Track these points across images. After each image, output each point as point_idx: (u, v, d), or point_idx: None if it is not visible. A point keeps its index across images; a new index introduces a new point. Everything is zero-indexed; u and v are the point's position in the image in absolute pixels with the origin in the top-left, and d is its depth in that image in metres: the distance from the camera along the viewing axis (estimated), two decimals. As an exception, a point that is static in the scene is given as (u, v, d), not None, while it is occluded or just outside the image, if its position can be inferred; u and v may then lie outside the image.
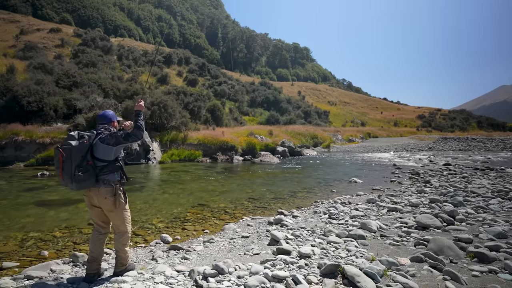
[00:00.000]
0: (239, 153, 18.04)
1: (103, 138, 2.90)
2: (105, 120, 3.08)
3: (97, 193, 2.87)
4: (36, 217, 5.77)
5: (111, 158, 2.93)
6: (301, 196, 7.93)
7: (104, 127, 3.02)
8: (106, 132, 2.95)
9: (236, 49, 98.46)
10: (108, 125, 3.07)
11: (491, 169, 11.98)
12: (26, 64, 24.27)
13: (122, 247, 3.03)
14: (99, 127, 3.02)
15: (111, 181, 2.90)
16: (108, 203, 2.89)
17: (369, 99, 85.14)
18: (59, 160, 2.73)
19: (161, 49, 52.19)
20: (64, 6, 70.31)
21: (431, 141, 32.77)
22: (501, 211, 5.51)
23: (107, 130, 3.00)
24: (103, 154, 2.89)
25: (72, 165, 2.73)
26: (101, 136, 2.91)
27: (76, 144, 2.77)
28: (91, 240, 3.01)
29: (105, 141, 2.90)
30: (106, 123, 3.07)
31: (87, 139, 2.85)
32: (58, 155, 2.74)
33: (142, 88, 24.00)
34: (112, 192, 2.89)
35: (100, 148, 2.89)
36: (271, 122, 35.16)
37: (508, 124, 56.98)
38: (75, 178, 2.72)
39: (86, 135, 2.88)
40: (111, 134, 2.94)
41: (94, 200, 2.92)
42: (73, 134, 2.85)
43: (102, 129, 2.99)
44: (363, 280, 2.72)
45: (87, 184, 2.79)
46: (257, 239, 4.36)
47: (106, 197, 2.87)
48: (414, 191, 7.92)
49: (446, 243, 3.55)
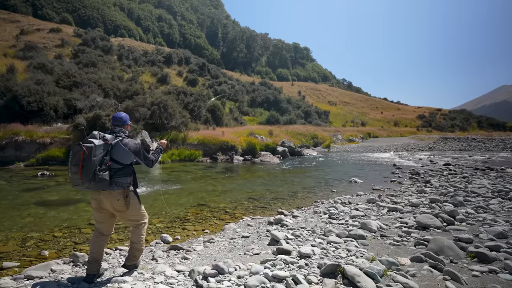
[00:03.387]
0: (239, 153, 18.03)
1: (126, 142, 2.93)
2: (121, 121, 3.09)
3: (108, 195, 2.88)
4: (36, 217, 5.78)
5: (127, 162, 2.96)
6: (301, 196, 7.93)
7: (121, 130, 3.04)
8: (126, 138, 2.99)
9: (236, 49, 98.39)
10: (123, 127, 3.09)
11: (491, 169, 11.97)
12: (26, 64, 24.28)
13: (141, 238, 3.09)
14: (116, 129, 3.03)
15: (123, 183, 2.91)
16: (120, 205, 2.91)
17: (369, 99, 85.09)
18: (79, 157, 2.65)
19: (161, 49, 52.18)
20: (64, 6, 70.30)
21: (431, 141, 32.75)
22: (501, 211, 5.51)
23: (123, 133, 3.03)
24: (121, 157, 2.91)
25: (93, 164, 2.67)
26: (122, 139, 2.93)
27: (98, 144, 2.74)
28: (92, 241, 3.01)
29: (128, 145, 2.92)
30: (121, 125, 3.09)
31: (109, 139, 2.84)
32: (79, 152, 2.66)
33: (142, 88, 24.03)
34: (124, 194, 2.91)
35: (120, 150, 2.90)
36: (271, 122, 35.14)
37: (508, 124, 56.92)
38: (96, 177, 2.69)
39: (107, 136, 2.87)
40: (135, 143, 3.00)
41: (105, 203, 2.91)
42: (95, 133, 2.85)
43: (120, 132, 3.01)
44: (363, 280, 2.72)
45: (104, 185, 2.77)
46: (257, 239, 4.36)
47: (119, 199, 2.89)
48: (414, 191, 7.92)
49: (446, 243, 3.55)
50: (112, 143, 2.86)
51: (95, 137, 2.80)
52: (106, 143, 2.80)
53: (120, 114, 3.13)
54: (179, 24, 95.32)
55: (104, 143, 2.79)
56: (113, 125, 3.06)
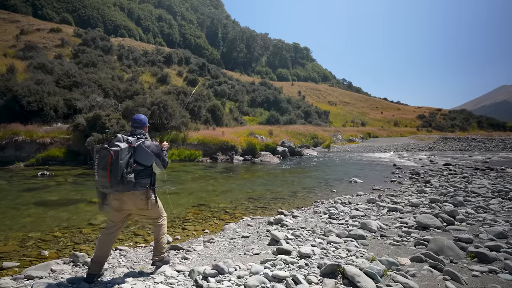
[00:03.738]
0: (239, 153, 18.03)
1: (148, 144, 3.00)
2: (141, 123, 3.14)
3: (132, 196, 2.94)
4: (36, 217, 5.78)
5: (149, 164, 3.03)
6: (301, 196, 7.93)
7: (142, 132, 3.10)
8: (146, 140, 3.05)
9: (236, 49, 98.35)
10: (143, 129, 3.15)
11: (491, 169, 11.97)
12: (26, 64, 24.28)
13: (163, 233, 3.21)
14: (136, 131, 3.09)
15: (145, 184, 2.99)
16: (143, 204, 3.00)
17: (369, 99, 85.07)
18: (107, 161, 2.70)
19: (161, 49, 52.18)
20: (64, 6, 70.30)
21: (431, 141, 32.75)
22: (501, 211, 5.51)
23: (143, 135, 3.09)
24: (143, 158, 2.97)
25: (120, 167, 2.73)
26: (144, 141, 2.99)
27: (124, 147, 2.80)
28: (100, 240, 3.01)
29: (150, 147, 3.00)
30: (141, 127, 3.14)
31: (132, 142, 2.90)
32: (107, 156, 2.71)
33: (142, 88, 24.02)
34: (146, 194, 3.00)
35: (143, 152, 2.96)
36: (271, 122, 35.14)
37: (508, 124, 56.89)
38: (124, 180, 2.75)
39: (130, 138, 2.93)
40: (156, 145, 3.09)
41: (128, 204, 2.97)
42: (120, 136, 2.91)
43: (141, 134, 3.07)
44: (363, 280, 2.72)
45: (130, 186, 2.84)
46: (257, 239, 4.36)
47: (141, 199, 2.98)
48: (414, 191, 7.92)
49: (446, 243, 3.54)
50: (135, 145, 2.92)
51: (120, 140, 2.86)
52: (130, 145, 2.86)
53: (140, 116, 3.18)
54: (179, 24, 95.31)
55: (128, 146, 2.85)
56: (133, 127, 3.12)
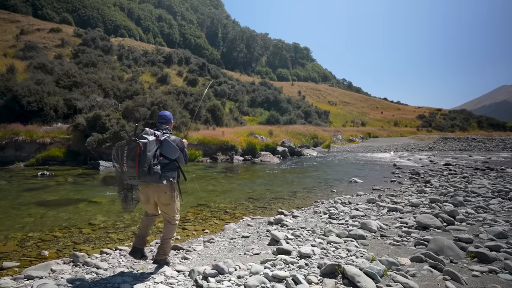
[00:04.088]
0: (239, 153, 18.03)
1: (173, 138, 3.14)
2: (166, 119, 3.26)
3: (157, 188, 3.06)
4: (36, 217, 5.78)
5: (174, 157, 3.14)
6: (301, 196, 7.93)
7: (167, 128, 3.22)
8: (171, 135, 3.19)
9: (236, 49, 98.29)
10: (168, 125, 3.27)
11: (491, 169, 11.97)
12: (26, 64, 24.25)
13: (171, 236, 3.25)
14: (162, 126, 3.20)
15: (170, 177, 3.11)
16: (167, 198, 3.11)
17: (369, 99, 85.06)
18: (136, 152, 2.81)
19: (161, 49, 52.17)
20: (64, 6, 70.23)
21: (431, 141, 32.75)
22: (501, 211, 5.51)
23: (168, 130, 3.21)
24: (169, 152, 3.08)
25: (148, 158, 2.84)
26: (169, 136, 3.13)
27: (152, 139, 2.91)
28: (142, 221, 3.31)
29: (175, 141, 3.13)
30: (166, 122, 3.26)
31: (159, 136, 3.02)
32: (135, 147, 2.82)
33: (142, 88, 24.02)
34: (171, 187, 3.12)
35: (169, 146, 3.07)
36: (271, 122, 35.13)
37: (508, 124, 56.87)
38: (151, 171, 2.86)
39: (157, 132, 3.04)
40: (180, 140, 3.22)
41: (152, 196, 3.11)
42: (147, 130, 3.03)
43: (166, 129, 3.19)
44: (363, 280, 2.72)
45: (156, 178, 2.94)
46: (257, 239, 4.36)
47: (166, 192, 3.09)
48: (414, 191, 7.92)
49: (446, 243, 3.55)
50: (161, 139, 3.03)
51: (148, 133, 2.98)
52: (157, 139, 2.97)
53: (165, 113, 3.31)
54: (179, 24, 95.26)
55: (155, 139, 2.96)
56: (159, 122, 3.24)
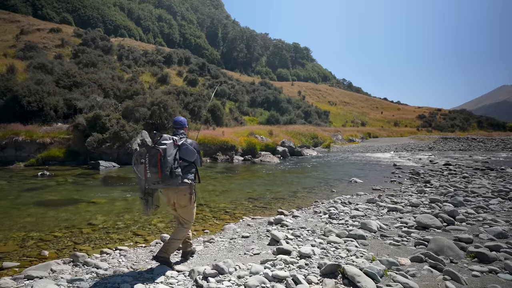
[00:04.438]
0: (239, 153, 18.03)
1: (190, 142, 3.27)
2: (181, 124, 3.41)
3: (176, 190, 3.17)
4: (36, 217, 5.78)
5: (192, 159, 3.25)
6: (301, 196, 7.93)
7: (183, 133, 3.37)
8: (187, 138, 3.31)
9: (236, 49, 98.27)
10: (183, 129, 3.41)
11: (491, 169, 11.97)
12: (26, 64, 24.25)
13: (180, 238, 3.30)
14: (179, 131, 3.35)
15: (189, 179, 3.21)
16: (185, 199, 3.22)
17: (369, 99, 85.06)
18: (157, 158, 2.94)
19: (161, 49, 52.17)
20: (64, 6, 70.23)
21: (431, 141, 32.75)
22: (501, 211, 5.51)
23: (184, 135, 3.35)
24: (187, 155, 3.21)
25: (168, 162, 2.97)
26: (186, 140, 3.26)
27: (170, 144, 3.06)
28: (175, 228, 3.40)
29: (192, 145, 3.27)
30: (181, 127, 3.40)
31: (176, 140, 3.15)
32: (156, 153, 2.95)
33: (142, 88, 24.01)
34: (189, 189, 3.22)
35: (187, 150, 3.20)
36: (271, 122, 35.13)
37: (508, 124, 56.87)
38: (173, 174, 2.99)
39: (175, 137, 3.18)
40: (196, 143, 3.36)
41: (172, 198, 3.22)
42: (165, 135, 3.16)
43: (182, 134, 3.34)
44: (363, 280, 2.72)
45: (177, 181, 3.05)
46: (257, 239, 4.36)
47: (185, 194, 3.20)
48: (414, 191, 7.92)
49: (446, 243, 3.55)
50: (179, 143, 3.16)
51: (166, 139, 3.10)
52: (175, 143, 3.11)
53: (179, 118, 3.45)
54: (179, 24, 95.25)
55: (173, 143, 3.10)
56: (175, 127, 3.39)
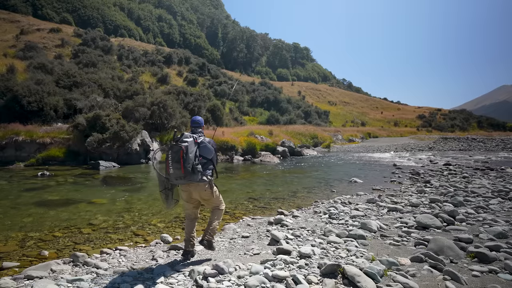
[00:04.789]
0: (239, 153, 18.03)
1: (208, 140, 3.43)
2: (199, 123, 3.53)
3: (197, 187, 3.33)
4: (36, 217, 5.78)
5: (210, 157, 3.41)
6: (301, 196, 7.93)
7: (201, 131, 3.50)
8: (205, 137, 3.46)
9: (236, 49, 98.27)
10: (201, 128, 3.54)
11: (492, 169, 11.97)
12: (26, 64, 24.27)
13: (218, 219, 3.56)
14: (197, 130, 3.48)
15: (208, 175, 3.39)
16: (207, 194, 3.39)
17: (369, 99, 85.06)
18: (179, 155, 3.09)
19: (161, 49, 52.17)
20: (64, 6, 70.25)
21: (431, 141, 32.75)
22: (501, 211, 5.51)
23: (202, 133, 3.48)
24: (206, 152, 3.37)
25: (190, 159, 3.13)
26: (205, 138, 3.41)
27: (191, 142, 3.21)
28: (186, 225, 3.58)
29: (210, 143, 3.44)
30: (199, 126, 3.52)
31: (196, 138, 3.30)
32: (179, 150, 3.10)
33: (142, 88, 24.01)
34: (209, 184, 3.38)
35: (206, 148, 3.36)
36: (271, 122, 35.14)
37: (508, 124, 56.86)
38: (194, 170, 3.15)
39: (194, 135, 3.34)
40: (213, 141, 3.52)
41: (194, 194, 3.39)
42: (187, 134, 3.31)
43: (200, 133, 3.47)
44: (363, 280, 2.72)
45: (198, 177, 3.22)
46: (257, 239, 4.36)
47: (205, 189, 3.36)
48: (414, 191, 7.91)
49: (446, 243, 3.54)
50: (199, 141, 3.31)
51: (187, 137, 3.25)
52: (195, 141, 3.26)
53: (197, 118, 3.58)
54: (179, 24, 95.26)
55: (194, 141, 3.25)
56: (193, 127, 3.51)
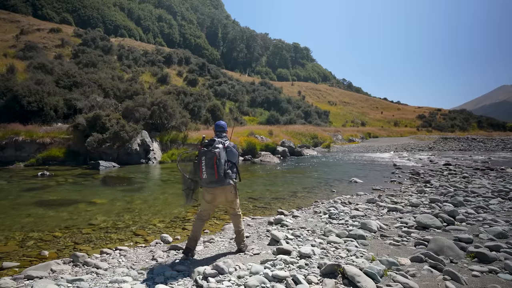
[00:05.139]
0: (239, 153, 18.03)
1: (233, 145, 3.58)
2: (224, 128, 3.65)
3: (224, 189, 3.47)
4: (36, 217, 5.78)
5: (235, 161, 3.55)
6: (301, 196, 7.93)
7: (225, 136, 3.62)
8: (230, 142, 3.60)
9: (236, 49, 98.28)
10: (225, 133, 3.66)
11: (491, 169, 11.97)
12: (26, 64, 24.25)
13: (241, 224, 3.73)
14: (221, 134, 3.59)
15: (233, 178, 3.53)
16: (232, 196, 3.57)
17: (369, 99, 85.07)
18: (213, 161, 3.25)
19: (161, 49, 52.17)
20: (64, 6, 70.25)
21: (431, 141, 32.76)
22: (501, 211, 5.51)
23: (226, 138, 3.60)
24: (232, 157, 3.50)
25: (222, 164, 3.30)
26: (230, 142, 3.56)
27: (222, 148, 3.35)
28: (194, 224, 3.62)
29: (235, 147, 3.59)
30: (224, 131, 3.64)
31: (225, 144, 3.43)
32: (213, 156, 3.26)
33: (142, 88, 24.01)
34: (234, 187, 3.56)
35: (232, 152, 3.50)
36: (271, 122, 35.14)
37: (508, 124, 56.87)
38: (226, 175, 3.35)
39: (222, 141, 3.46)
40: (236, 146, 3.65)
41: (220, 196, 3.50)
42: (217, 139, 3.44)
43: (225, 137, 3.58)
44: (363, 280, 2.72)
45: (228, 180, 3.40)
46: (257, 239, 4.36)
47: (231, 191, 3.53)
48: (414, 191, 7.92)
49: (446, 243, 3.54)
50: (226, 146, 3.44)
51: (218, 143, 3.39)
52: (224, 147, 3.39)
53: (221, 123, 3.70)
54: (179, 24, 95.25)
55: (223, 147, 3.38)
56: (218, 131, 3.62)
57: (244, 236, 3.77)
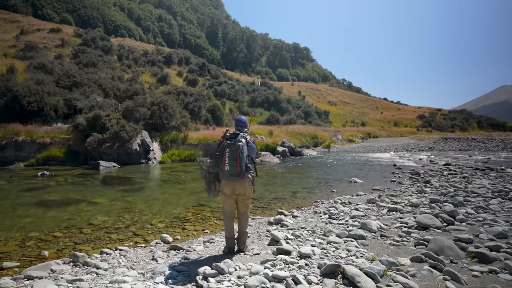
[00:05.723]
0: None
1: (253, 140, 3.64)
2: (244, 124, 3.71)
3: (243, 183, 3.52)
4: (36, 217, 5.78)
5: (253, 155, 3.62)
6: (301, 196, 7.93)
7: (246, 131, 3.68)
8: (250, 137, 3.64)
9: (236, 49, 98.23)
10: (246, 128, 3.72)
11: (492, 169, 11.97)
12: (26, 64, 24.26)
13: (247, 225, 3.74)
14: (242, 129, 3.65)
15: (251, 172, 3.59)
16: (249, 190, 3.60)
17: (369, 99, 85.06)
18: (237, 154, 3.34)
19: (161, 49, 52.17)
20: (64, 6, 70.23)
21: (431, 141, 32.75)
22: (501, 211, 5.51)
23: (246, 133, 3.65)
24: (251, 151, 3.57)
25: (244, 158, 3.38)
26: (250, 138, 3.61)
27: (244, 142, 3.43)
28: (225, 224, 3.63)
29: (254, 143, 3.65)
30: (244, 126, 3.69)
31: (246, 138, 3.50)
32: (237, 150, 3.35)
33: (142, 88, 24.01)
34: (252, 181, 3.63)
35: (252, 147, 3.58)
36: (271, 122, 35.15)
37: (508, 124, 56.86)
38: (248, 168, 3.43)
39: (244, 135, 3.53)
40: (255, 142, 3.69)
41: (238, 189, 3.54)
42: (240, 133, 3.50)
43: (245, 132, 3.63)
44: (363, 280, 2.72)
45: (247, 174, 3.47)
46: (257, 239, 4.36)
47: (249, 184, 3.58)
48: (414, 191, 7.91)
49: (447, 243, 3.54)
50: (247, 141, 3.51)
51: (241, 137, 3.46)
52: (246, 141, 3.47)
53: (242, 118, 3.75)
54: (179, 24, 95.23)
55: (245, 142, 3.45)
56: (239, 126, 3.67)
57: (246, 237, 3.77)
